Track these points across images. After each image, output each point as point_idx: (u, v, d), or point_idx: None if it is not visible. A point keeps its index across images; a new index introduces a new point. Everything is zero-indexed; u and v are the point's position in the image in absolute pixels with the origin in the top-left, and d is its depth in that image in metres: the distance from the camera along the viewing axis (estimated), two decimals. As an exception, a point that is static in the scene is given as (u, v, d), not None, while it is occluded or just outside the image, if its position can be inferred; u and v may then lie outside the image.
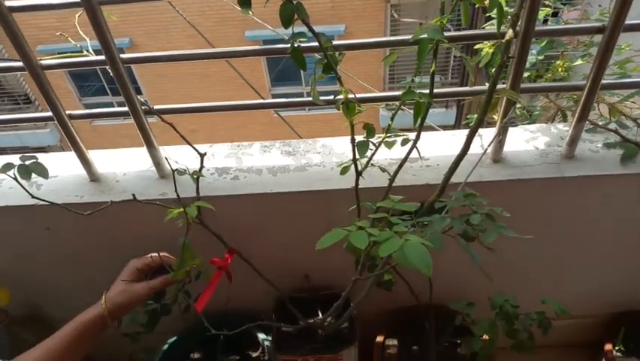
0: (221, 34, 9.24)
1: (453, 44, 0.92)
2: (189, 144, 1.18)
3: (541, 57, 1.22)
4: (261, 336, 1.50)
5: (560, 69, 1.28)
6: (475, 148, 1.25)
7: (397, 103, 1.04)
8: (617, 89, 1.13)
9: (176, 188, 1.05)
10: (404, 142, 1.01)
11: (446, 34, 0.96)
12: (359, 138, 1.03)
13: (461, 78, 10.07)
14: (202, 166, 1.18)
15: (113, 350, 1.39)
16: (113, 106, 11.49)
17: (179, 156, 1.33)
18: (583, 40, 1.55)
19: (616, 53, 1.30)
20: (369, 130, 1.01)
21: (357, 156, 1.03)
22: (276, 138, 1.42)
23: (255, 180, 1.24)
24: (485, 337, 1.18)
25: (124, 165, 1.33)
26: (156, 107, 1.17)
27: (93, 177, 1.30)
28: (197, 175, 1.10)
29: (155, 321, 1.20)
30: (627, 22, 0.95)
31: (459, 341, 1.46)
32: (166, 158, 1.23)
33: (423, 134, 1.34)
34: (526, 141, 1.26)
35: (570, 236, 1.34)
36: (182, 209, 1.07)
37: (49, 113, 1.16)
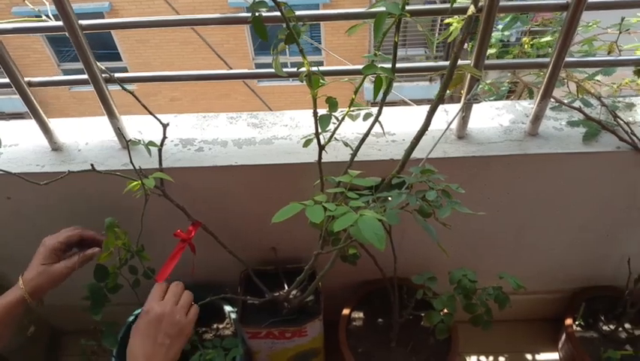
0: (203, -1, 9.05)
1: (416, 18, 0.91)
2: (152, 114, 1.15)
3: (507, 33, 1.21)
4: (228, 308, 1.51)
5: (526, 45, 1.28)
6: (442, 124, 1.25)
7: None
8: (581, 67, 1.14)
9: (130, 159, 1.03)
10: (366, 117, 1.00)
11: (409, 8, 0.94)
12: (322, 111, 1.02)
13: (446, 52, 10.04)
14: (165, 137, 1.15)
15: (78, 320, 1.38)
16: (92, 73, 11.31)
17: (144, 126, 1.31)
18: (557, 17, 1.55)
19: (584, 31, 1.30)
20: (332, 104, 1.00)
21: (320, 130, 1.01)
22: (259, 108, 1.40)
23: (219, 152, 1.22)
24: (445, 311, 1.20)
25: (86, 134, 1.31)
26: (117, 75, 1.14)
27: (54, 146, 1.27)
28: (151, 145, 1.08)
29: (101, 301, 1.19)
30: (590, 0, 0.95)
31: (423, 314, 1.49)
32: (119, 128, 1.21)
33: (392, 109, 1.34)
34: (492, 117, 1.26)
35: (533, 213, 1.36)
36: (139, 181, 1.05)
37: (7, 80, 1.13)
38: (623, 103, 1.25)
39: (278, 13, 0.95)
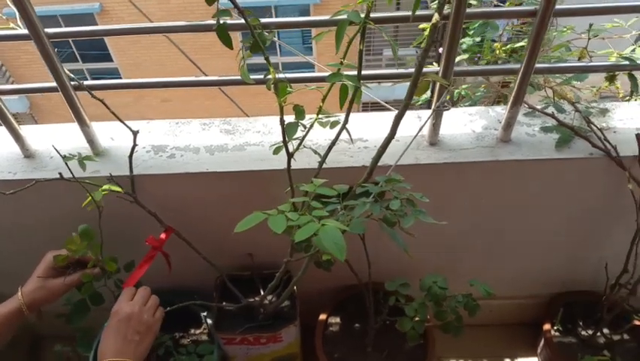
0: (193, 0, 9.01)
1: (380, 26, 0.90)
2: (120, 120, 1.15)
3: (478, 39, 1.21)
4: (204, 314, 1.50)
5: (499, 51, 1.28)
6: (415, 131, 1.25)
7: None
8: (551, 73, 1.13)
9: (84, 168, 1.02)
10: (332, 125, 1.00)
11: (374, 15, 0.94)
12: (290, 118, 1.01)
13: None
14: (135, 144, 1.15)
15: (59, 326, 1.37)
16: (83, 73, 11.24)
17: (117, 132, 1.30)
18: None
19: (560, 36, 1.30)
20: (299, 112, 1.00)
21: (287, 138, 1.01)
22: (251, 109, 1.38)
23: (191, 159, 1.22)
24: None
25: (60, 141, 1.30)
26: (86, 82, 1.13)
27: (27, 153, 1.26)
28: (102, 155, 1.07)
29: (84, 312, 1.19)
30: (557, 6, 0.95)
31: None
32: (75, 134, 1.20)
33: (365, 114, 1.34)
34: (465, 123, 1.25)
35: (509, 218, 1.36)
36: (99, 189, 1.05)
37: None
38: (597, 109, 1.25)
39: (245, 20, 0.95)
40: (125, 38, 10.22)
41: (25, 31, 1.02)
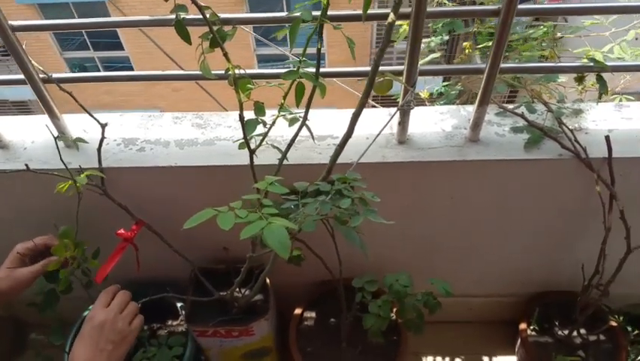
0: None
1: (335, 24, 0.90)
2: (89, 113, 1.16)
3: (446, 37, 1.19)
4: (181, 306, 1.52)
5: (468, 50, 1.27)
6: (386, 128, 1.24)
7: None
8: (517, 73, 1.12)
9: (60, 156, 1.04)
10: (292, 122, 1.00)
11: (334, 13, 0.94)
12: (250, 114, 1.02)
13: (449, 50, 9.93)
14: (103, 137, 1.16)
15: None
16: (94, 61, 11.30)
17: (90, 125, 1.31)
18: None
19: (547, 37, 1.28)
20: (258, 108, 1.00)
21: (248, 135, 1.01)
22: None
23: (161, 153, 1.23)
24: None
25: (34, 132, 1.31)
26: (55, 75, 1.14)
27: (1, 144, 1.28)
28: (79, 141, 1.08)
29: (54, 301, 1.21)
30: (520, 6, 0.93)
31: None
32: (49, 126, 1.21)
33: (335, 111, 1.34)
34: (435, 122, 1.25)
35: (481, 218, 1.35)
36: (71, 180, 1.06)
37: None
38: (570, 109, 1.23)
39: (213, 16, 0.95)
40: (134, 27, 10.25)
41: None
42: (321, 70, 0.94)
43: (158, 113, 1.32)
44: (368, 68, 0.93)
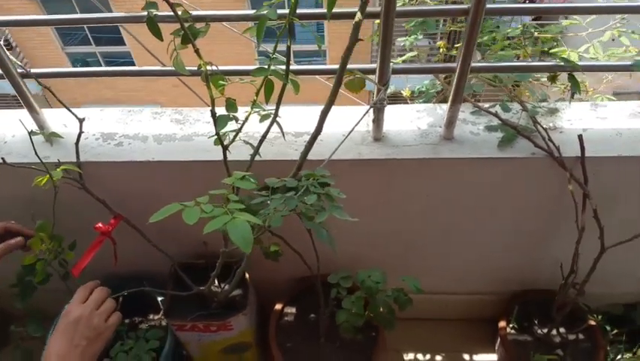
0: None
1: (304, 22, 0.91)
2: (67, 108, 1.17)
3: (421, 37, 1.20)
4: (161, 300, 1.53)
5: (442, 49, 1.27)
6: (363, 126, 1.25)
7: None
8: (488, 72, 1.13)
9: (35, 151, 1.05)
10: (263, 118, 1.01)
11: (303, 11, 0.95)
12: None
13: (451, 44, 9.94)
14: (81, 131, 1.17)
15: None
16: (96, 56, 11.32)
17: (70, 119, 1.32)
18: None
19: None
20: (230, 104, 1.01)
21: (219, 130, 1.02)
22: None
23: (138, 148, 1.24)
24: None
25: (15, 126, 1.32)
26: (34, 70, 1.15)
27: (-19, 137, 1.29)
28: (54, 136, 1.09)
29: (29, 292, 1.22)
30: (488, 5, 0.94)
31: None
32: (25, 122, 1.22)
33: (311, 108, 1.34)
34: (411, 120, 1.26)
35: (458, 215, 1.36)
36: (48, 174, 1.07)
37: None
38: (545, 108, 1.24)
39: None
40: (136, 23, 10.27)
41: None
42: (291, 67, 0.95)
43: (138, 108, 1.33)
44: (334, 67, 0.94)
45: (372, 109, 1.13)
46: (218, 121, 1.00)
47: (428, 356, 1.75)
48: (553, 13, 0.97)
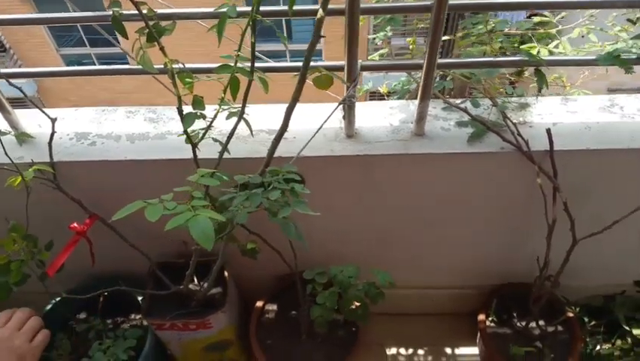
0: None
1: (267, 20, 0.91)
2: (39, 108, 1.18)
3: (390, 33, 1.21)
4: (142, 299, 1.54)
5: (412, 46, 1.28)
6: (336, 123, 1.26)
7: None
8: (454, 67, 1.14)
9: (5, 151, 1.05)
10: (229, 115, 1.01)
11: (266, 8, 0.95)
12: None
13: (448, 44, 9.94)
14: (53, 131, 1.18)
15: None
16: (91, 58, 11.29)
17: (44, 120, 1.33)
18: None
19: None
20: (197, 102, 1.01)
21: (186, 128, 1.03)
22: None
23: (111, 147, 1.24)
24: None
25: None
26: (4, 70, 1.16)
27: (-44, 138, 1.30)
28: (24, 137, 1.09)
29: (4, 293, 1.22)
30: (451, 2, 0.95)
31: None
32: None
33: (282, 106, 1.35)
34: (384, 116, 1.27)
35: (432, 210, 1.37)
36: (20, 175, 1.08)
37: None
38: (516, 103, 1.25)
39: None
40: (127, 24, 10.26)
41: None
42: (257, 65, 0.96)
43: (112, 107, 1.34)
44: (298, 64, 0.95)
45: (342, 106, 1.14)
46: (186, 119, 1.01)
47: (411, 351, 1.76)
48: (518, 8, 0.98)
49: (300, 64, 0.96)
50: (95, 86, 10.74)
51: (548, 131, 1.15)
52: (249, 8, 0.90)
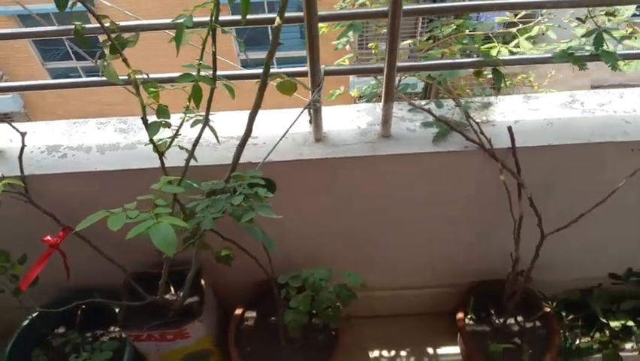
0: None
1: (227, 29, 0.93)
2: (9, 123, 1.18)
3: (352, 39, 1.23)
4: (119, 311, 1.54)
5: (374, 50, 1.30)
6: (305, 127, 1.28)
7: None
8: (413, 71, 1.16)
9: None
10: (194, 123, 1.03)
11: (225, 18, 0.97)
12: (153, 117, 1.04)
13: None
14: (23, 145, 1.19)
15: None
16: (77, 71, 11.26)
17: (15, 134, 1.34)
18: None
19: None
20: (161, 111, 1.03)
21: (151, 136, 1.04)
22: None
23: (82, 158, 1.25)
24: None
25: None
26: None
27: None
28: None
29: None
30: (405, 7, 0.97)
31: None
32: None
33: (261, 112, 1.37)
34: (352, 120, 1.29)
35: (403, 210, 1.39)
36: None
37: None
38: (479, 103, 1.28)
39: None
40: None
41: None
42: (219, 73, 0.97)
43: (83, 120, 1.35)
44: (258, 71, 0.96)
45: (309, 110, 1.16)
46: (150, 127, 1.02)
47: (394, 353, 1.77)
48: (475, 10, 1.00)
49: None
50: (82, 100, 10.68)
51: (510, 128, 1.17)
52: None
